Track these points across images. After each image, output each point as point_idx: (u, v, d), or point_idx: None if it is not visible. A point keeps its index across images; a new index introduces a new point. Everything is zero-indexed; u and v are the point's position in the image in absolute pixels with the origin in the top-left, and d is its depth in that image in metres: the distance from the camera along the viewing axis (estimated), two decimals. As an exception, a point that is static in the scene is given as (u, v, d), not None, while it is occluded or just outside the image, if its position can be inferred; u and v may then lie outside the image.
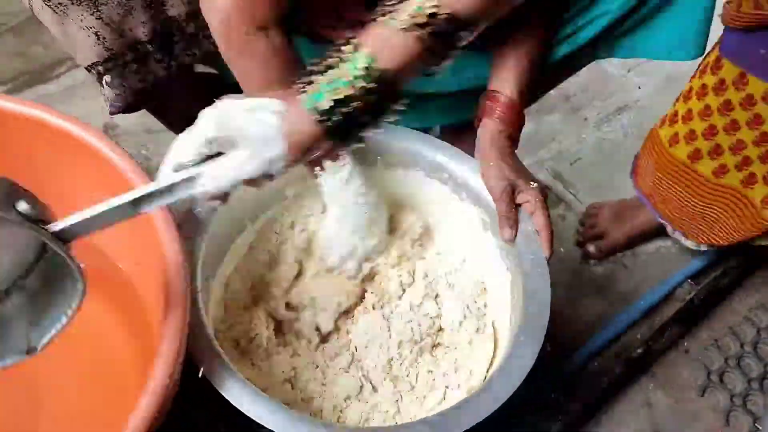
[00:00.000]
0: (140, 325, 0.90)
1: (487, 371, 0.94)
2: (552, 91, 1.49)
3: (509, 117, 0.95)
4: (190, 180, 0.64)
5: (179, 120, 1.07)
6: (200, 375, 0.75)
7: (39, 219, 0.57)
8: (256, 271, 1.00)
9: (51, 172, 0.90)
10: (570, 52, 1.04)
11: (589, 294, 1.23)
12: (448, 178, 1.01)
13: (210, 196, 0.65)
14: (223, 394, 0.75)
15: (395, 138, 1.00)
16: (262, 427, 0.74)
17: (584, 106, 1.51)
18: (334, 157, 0.85)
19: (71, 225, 0.59)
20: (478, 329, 0.97)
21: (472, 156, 0.97)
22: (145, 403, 0.66)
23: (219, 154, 0.65)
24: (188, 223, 0.88)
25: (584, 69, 1.54)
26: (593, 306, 1.22)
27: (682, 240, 1.23)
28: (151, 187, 0.63)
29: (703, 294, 1.23)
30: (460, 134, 1.15)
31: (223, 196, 0.66)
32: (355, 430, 0.87)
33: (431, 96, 1.11)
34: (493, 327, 0.98)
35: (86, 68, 0.88)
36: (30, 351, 0.64)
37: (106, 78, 0.87)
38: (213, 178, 0.64)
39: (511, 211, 0.92)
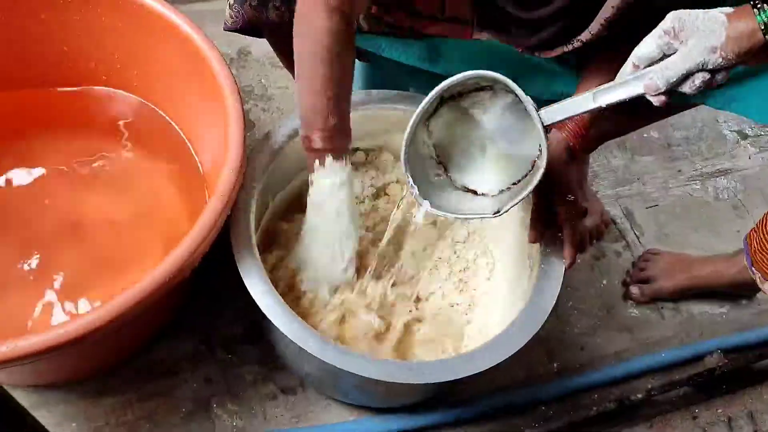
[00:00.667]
0: (196, 188, 1.08)
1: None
2: (655, 134, 1.51)
3: (575, 130, 0.99)
4: (640, 77, 0.75)
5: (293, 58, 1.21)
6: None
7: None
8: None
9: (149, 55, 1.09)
10: None
11: (616, 330, 1.25)
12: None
13: (658, 89, 0.74)
14: (240, 270, 0.87)
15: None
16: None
17: (683, 158, 1.50)
18: (338, 156, 0.91)
19: (550, 111, 0.78)
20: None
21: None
22: (191, 237, 0.82)
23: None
24: (263, 145, 1.01)
25: (698, 124, 1.55)
26: (616, 342, 1.24)
27: None
28: (614, 85, 0.77)
29: (731, 369, 1.21)
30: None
31: (670, 93, 0.75)
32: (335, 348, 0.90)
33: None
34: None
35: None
36: (496, 213, 0.83)
37: (230, 0, 1.01)
38: (661, 69, 0.74)
39: (539, 216, 0.97)
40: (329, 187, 0.92)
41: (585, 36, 0.91)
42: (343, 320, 1.01)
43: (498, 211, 0.83)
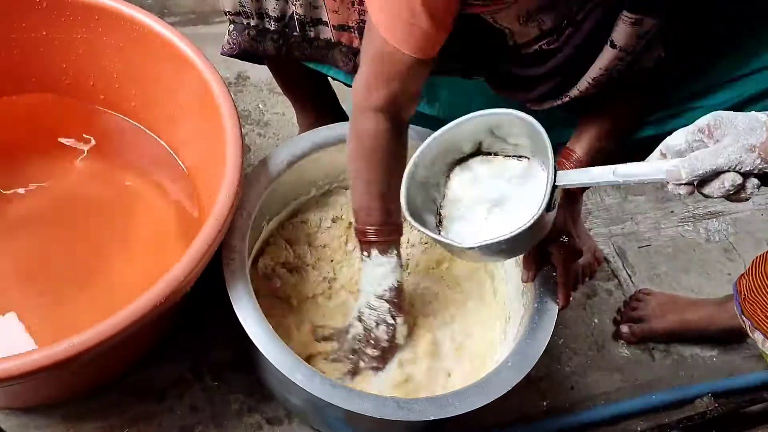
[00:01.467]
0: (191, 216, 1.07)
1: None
2: (648, 175, 1.51)
3: (573, 168, 0.99)
4: (665, 163, 0.67)
5: (291, 86, 1.22)
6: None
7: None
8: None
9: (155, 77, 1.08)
10: (654, 135, 1.07)
11: (607, 370, 1.24)
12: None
13: (679, 180, 0.65)
14: (231, 298, 0.87)
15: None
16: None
17: (675, 200, 1.50)
18: (384, 249, 0.97)
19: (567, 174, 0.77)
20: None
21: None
22: (185, 262, 0.81)
23: None
24: (261, 171, 1.01)
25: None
26: (605, 382, 1.23)
27: (759, 343, 1.19)
28: (637, 164, 0.71)
29: (721, 414, 1.20)
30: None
31: (693, 186, 0.66)
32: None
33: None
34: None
35: (223, 12, 1.03)
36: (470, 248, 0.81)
37: (230, 27, 1.02)
38: (689, 159, 0.65)
39: (532, 256, 0.96)
40: (376, 275, 0.98)
41: (573, 93, 0.92)
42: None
43: (472, 248, 0.80)
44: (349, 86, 1.14)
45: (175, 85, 1.06)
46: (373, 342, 1.00)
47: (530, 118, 0.79)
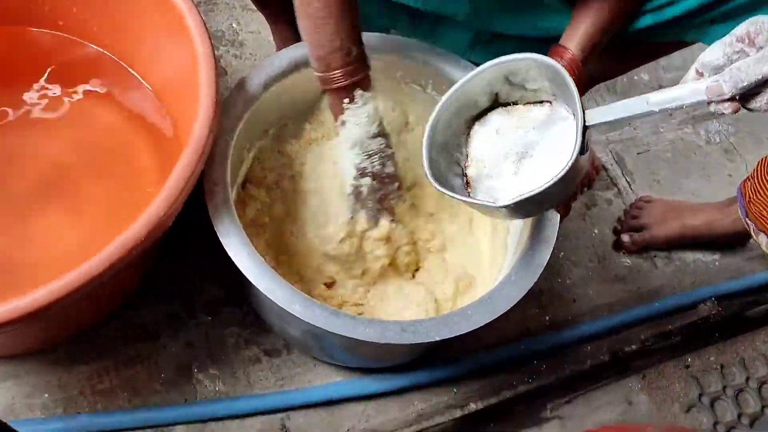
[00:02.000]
0: (168, 142, 0.99)
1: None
2: (645, 76, 1.45)
3: (567, 71, 0.94)
4: (704, 81, 0.62)
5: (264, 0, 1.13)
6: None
7: None
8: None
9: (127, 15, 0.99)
10: (654, 25, 1.00)
11: (608, 281, 1.22)
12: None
13: (722, 94, 0.60)
14: (217, 231, 0.82)
15: (448, 65, 1.01)
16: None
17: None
18: (366, 87, 0.88)
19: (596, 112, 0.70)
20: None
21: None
22: (164, 195, 0.75)
23: None
24: (237, 96, 0.93)
25: (689, 66, 1.49)
26: (608, 292, 1.21)
27: (764, 245, 1.16)
28: (672, 89, 0.65)
29: (725, 317, 1.19)
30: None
31: (738, 101, 0.61)
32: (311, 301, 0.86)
33: (510, 38, 1.10)
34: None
35: None
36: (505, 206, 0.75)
37: None
38: (730, 71, 0.59)
39: None
40: (364, 120, 0.88)
41: None
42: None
43: (507, 206, 0.74)
44: None
45: (138, 7, 0.97)
46: (388, 180, 0.95)
47: (548, 60, 0.73)
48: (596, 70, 1.09)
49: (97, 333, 1.01)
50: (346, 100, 0.88)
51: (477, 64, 1.02)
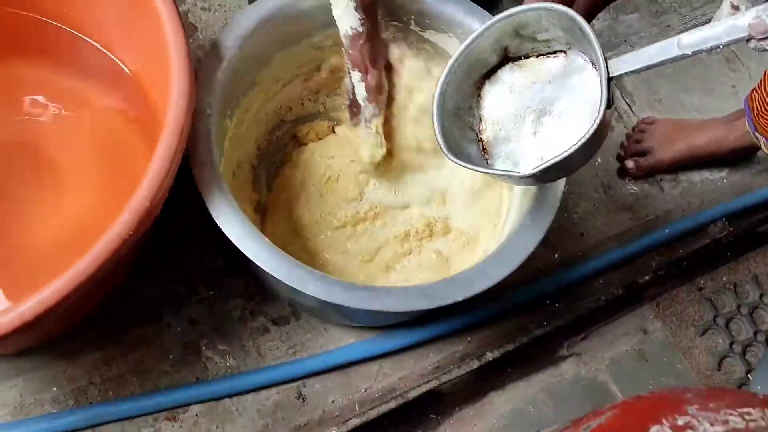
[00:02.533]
0: (150, 122, 0.92)
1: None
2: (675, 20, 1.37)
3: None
4: (743, 16, 0.58)
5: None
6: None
7: None
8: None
9: None
10: None
11: (615, 210, 1.18)
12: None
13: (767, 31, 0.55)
14: (210, 209, 0.78)
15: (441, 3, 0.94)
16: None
17: (671, 11, 1.37)
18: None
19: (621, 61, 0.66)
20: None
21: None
22: (147, 184, 0.70)
23: None
24: (211, 64, 0.86)
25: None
26: (616, 223, 1.17)
27: None
28: (705, 28, 0.61)
29: (736, 236, 1.17)
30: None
31: None
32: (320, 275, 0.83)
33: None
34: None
35: None
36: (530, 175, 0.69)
37: None
38: None
39: None
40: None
41: None
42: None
43: (533, 174, 0.68)
44: None
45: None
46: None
47: (560, 7, 0.66)
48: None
49: (97, 319, 0.98)
50: None
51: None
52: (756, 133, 1.08)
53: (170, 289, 1.02)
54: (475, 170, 0.74)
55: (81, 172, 0.92)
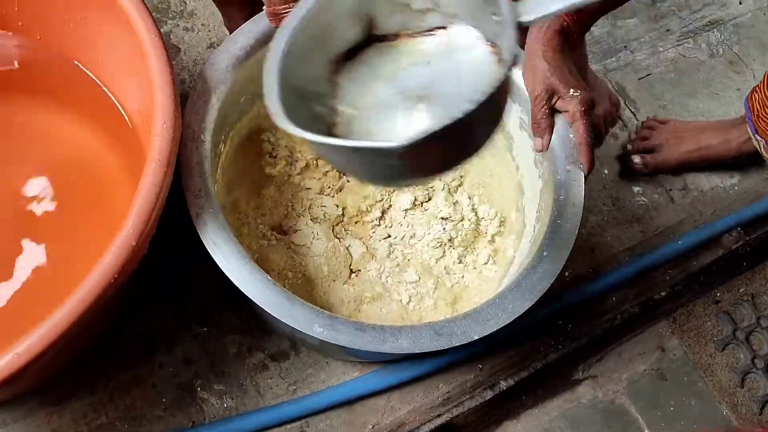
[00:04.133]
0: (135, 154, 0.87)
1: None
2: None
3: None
4: None
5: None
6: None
7: None
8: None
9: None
10: None
11: (626, 223, 1.13)
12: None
13: None
14: (199, 233, 0.72)
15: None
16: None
17: (670, 15, 1.33)
18: None
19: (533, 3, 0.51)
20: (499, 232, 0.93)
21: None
22: (131, 220, 0.65)
23: None
24: (202, 88, 0.81)
25: (681, -28, 1.37)
26: (627, 236, 1.12)
27: None
28: None
29: (752, 246, 1.12)
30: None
31: None
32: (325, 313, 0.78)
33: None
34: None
35: None
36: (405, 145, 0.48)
37: None
38: None
39: (542, 119, 0.81)
40: None
41: None
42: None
43: (410, 146, 0.47)
44: None
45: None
46: None
47: None
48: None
49: (83, 362, 0.91)
50: None
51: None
52: (756, 135, 1.04)
53: (161, 326, 0.96)
54: (321, 143, 0.50)
55: (62, 210, 0.86)
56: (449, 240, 0.95)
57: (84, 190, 0.87)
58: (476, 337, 0.71)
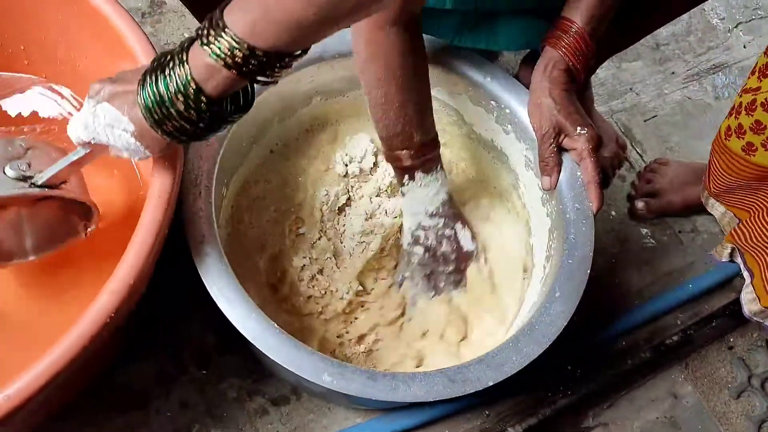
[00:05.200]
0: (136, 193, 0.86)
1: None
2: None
3: (574, 47, 0.82)
4: None
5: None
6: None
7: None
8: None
9: (61, 34, 0.85)
10: None
11: (635, 266, 1.11)
12: (494, 107, 0.89)
13: None
14: (203, 278, 0.71)
15: (444, 54, 0.89)
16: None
17: (674, 58, 1.34)
18: (429, 168, 0.84)
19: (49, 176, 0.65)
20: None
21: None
22: (129, 258, 0.63)
23: None
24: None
25: (684, 17, 1.38)
26: (636, 279, 1.10)
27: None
28: None
29: (764, 289, 1.09)
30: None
31: None
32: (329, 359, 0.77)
33: (502, 15, 0.98)
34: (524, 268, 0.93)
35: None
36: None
37: None
38: None
39: (550, 157, 0.81)
40: (421, 198, 0.85)
41: None
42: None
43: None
44: None
45: (71, 27, 0.83)
46: (442, 260, 0.89)
47: None
48: (610, 39, 0.98)
49: (75, 405, 0.88)
50: (407, 176, 0.84)
51: (464, 49, 0.91)
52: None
53: (158, 369, 0.93)
54: None
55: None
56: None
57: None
58: (491, 383, 0.69)
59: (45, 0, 0.82)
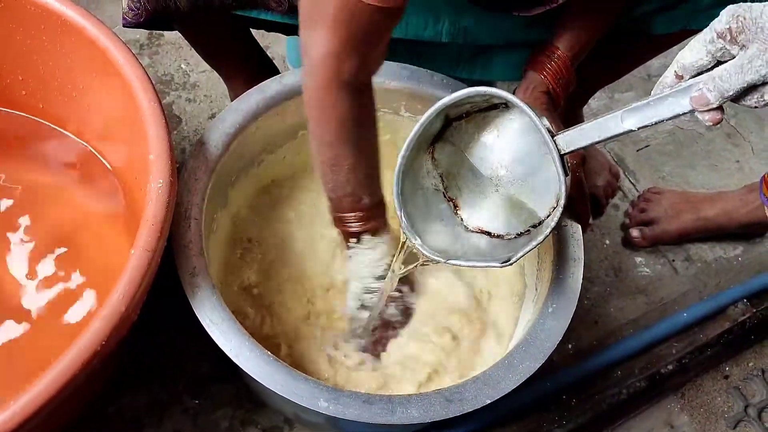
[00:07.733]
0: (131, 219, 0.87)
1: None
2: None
3: (555, 72, 0.85)
4: (685, 90, 0.54)
5: (212, 50, 1.00)
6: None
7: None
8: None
9: (58, 65, 0.86)
10: (659, 14, 0.90)
11: (629, 295, 1.11)
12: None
13: (709, 105, 0.53)
14: (195, 311, 0.71)
15: (423, 83, 0.91)
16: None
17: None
18: (375, 230, 0.82)
19: (569, 137, 0.63)
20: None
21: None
22: (122, 284, 0.63)
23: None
24: (196, 157, 0.81)
25: (675, 49, 1.40)
26: (630, 308, 1.10)
27: None
28: (649, 102, 0.57)
29: (760, 318, 1.09)
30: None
31: (721, 110, 0.54)
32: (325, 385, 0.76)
33: (497, 48, 1.00)
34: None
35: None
36: (505, 262, 0.69)
37: None
38: (714, 79, 0.52)
39: None
40: (368, 261, 0.83)
41: None
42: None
43: (508, 260, 0.69)
44: (284, 30, 0.95)
45: (62, 58, 0.85)
46: (387, 321, 0.89)
47: (506, 95, 0.65)
48: (600, 71, 1.00)
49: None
50: (354, 240, 0.83)
51: (462, 80, 0.92)
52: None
53: (150, 398, 0.93)
54: (445, 262, 0.72)
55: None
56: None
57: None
58: (488, 401, 0.69)
59: (43, 31, 0.83)
